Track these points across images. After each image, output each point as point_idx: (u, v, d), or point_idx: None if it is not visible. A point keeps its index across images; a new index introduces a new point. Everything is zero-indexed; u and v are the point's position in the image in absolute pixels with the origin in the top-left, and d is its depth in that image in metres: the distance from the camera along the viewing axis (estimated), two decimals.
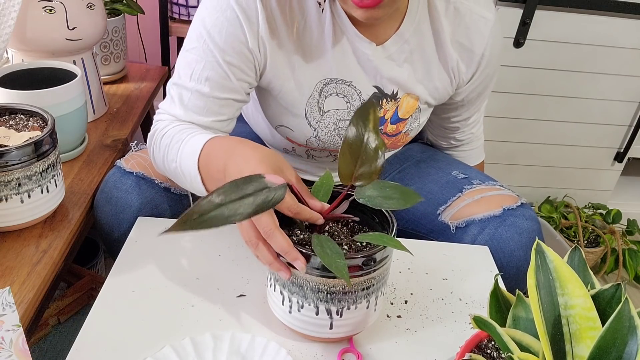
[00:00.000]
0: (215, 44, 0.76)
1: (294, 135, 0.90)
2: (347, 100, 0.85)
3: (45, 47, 1.03)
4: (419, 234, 0.96)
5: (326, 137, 0.88)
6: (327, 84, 0.84)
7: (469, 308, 0.73)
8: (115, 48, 1.33)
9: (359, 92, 0.85)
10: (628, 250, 1.73)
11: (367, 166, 0.59)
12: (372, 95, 0.58)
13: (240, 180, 0.55)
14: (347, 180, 0.60)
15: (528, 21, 1.55)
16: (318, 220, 0.62)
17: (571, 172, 1.90)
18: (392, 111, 0.88)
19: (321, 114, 0.86)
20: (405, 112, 0.89)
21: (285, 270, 0.59)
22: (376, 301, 0.62)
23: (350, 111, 0.86)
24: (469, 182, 0.94)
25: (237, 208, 0.52)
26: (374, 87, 0.86)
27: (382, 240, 0.57)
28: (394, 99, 0.87)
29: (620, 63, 1.67)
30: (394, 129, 0.90)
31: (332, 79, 0.84)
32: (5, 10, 0.93)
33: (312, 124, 0.87)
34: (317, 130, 0.87)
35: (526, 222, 0.86)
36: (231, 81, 0.78)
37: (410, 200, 0.60)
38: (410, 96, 0.88)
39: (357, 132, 0.59)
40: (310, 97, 0.84)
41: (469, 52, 0.86)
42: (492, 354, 0.52)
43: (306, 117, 0.86)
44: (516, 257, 0.84)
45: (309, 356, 0.63)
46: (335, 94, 0.85)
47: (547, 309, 0.44)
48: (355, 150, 0.59)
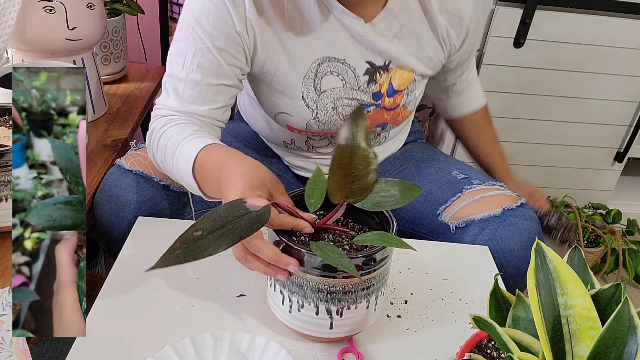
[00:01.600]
0: (203, 30, 0.77)
1: (293, 121, 0.90)
2: (342, 78, 0.87)
3: (45, 47, 1.03)
4: (419, 234, 0.96)
5: (325, 117, 0.89)
6: (321, 63, 0.85)
7: (469, 308, 0.73)
8: (115, 48, 1.33)
9: (352, 68, 0.86)
10: (628, 250, 1.73)
11: (359, 182, 0.56)
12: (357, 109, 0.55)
13: (222, 209, 0.54)
14: (338, 200, 0.58)
15: (528, 21, 1.55)
16: (305, 228, 0.61)
17: (571, 172, 1.90)
18: (387, 84, 0.89)
19: (318, 94, 0.86)
20: (399, 83, 0.90)
21: (281, 272, 0.59)
22: (376, 301, 0.62)
23: (346, 89, 0.87)
24: (468, 182, 0.94)
25: (219, 239, 0.52)
26: (366, 62, 0.87)
27: (382, 240, 0.57)
28: (386, 70, 0.88)
29: (620, 63, 1.67)
30: (391, 102, 0.91)
31: (325, 57, 0.85)
32: (5, 10, 0.93)
33: (310, 105, 0.87)
34: (315, 111, 0.88)
35: (526, 222, 0.86)
36: (222, 66, 0.79)
37: (410, 195, 0.60)
38: (403, 68, 0.89)
39: (347, 146, 0.54)
40: (306, 77, 0.85)
41: (458, 19, 0.88)
42: (492, 354, 0.52)
43: (303, 99, 0.87)
44: (516, 257, 0.84)
45: (309, 356, 0.63)
46: (330, 73, 0.86)
47: (547, 309, 0.44)
48: (345, 166, 0.55)
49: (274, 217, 0.59)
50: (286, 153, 1.03)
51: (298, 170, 1.04)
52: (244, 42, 0.80)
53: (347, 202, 0.59)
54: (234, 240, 0.52)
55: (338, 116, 0.89)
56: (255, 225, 0.54)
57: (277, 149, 1.05)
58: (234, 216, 0.54)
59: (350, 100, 0.88)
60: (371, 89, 0.89)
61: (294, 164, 1.03)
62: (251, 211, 0.55)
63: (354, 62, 0.86)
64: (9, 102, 0.85)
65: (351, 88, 0.88)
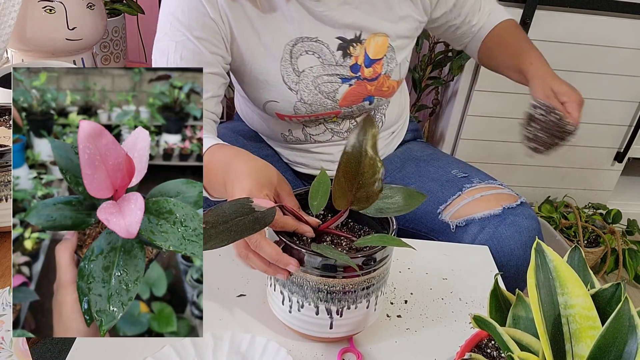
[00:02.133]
0: (181, 23, 0.79)
1: (281, 107, 0.91)
2: (318, 55, 0.87)
3: (45, 47, 1.04)
4: (419, 233, 0.96)
5: (309, 97, 0.89)
6: (294, 44, 0.86)
7: (469, 308, 0.73)
8: (115, 48, 1.33)
9: (326, 45, 0.87)
10: (628, 250, 1.73)
11: (364, 190, 0.56)
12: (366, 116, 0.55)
13: (227, 205, 0.55)
14: (342, 207, 0.58)
15: (528, 21, 1.55)
16: (307, 232, 0.61)
17: (571, 172, 1.90)
18: (362, 55, 0.89)
19: (297, 74, 0.87)
20: (375, 52, 0.89)
21: (281, 272, 0.59)
22: (376, 301, 0.62)
23: (324, 66, 0.88)
24: (468, 180, 0.94)
25: (220, 234, 0.52)
26: (337, 38, 0.87)
27: (382, 241, 0.57)
28: (359, 42, 0.88)
29: (620, 63, 1.67)
30: (371, 72, 0.91)
31: (298, 38, 0.86)
32: (5, 10, 0.93)
33: (292, 87, 0.88)
34: (299, 92, 0.88)
35: (526, 221, 0.86)
36: (204, 55, 0.81)
37: (413, 203, 0.60)
38: (377, 36, 0.89)
39: (354, 153, 0.55)
40: (282, 60, 0.86)
41: None
42: (492, 354, 0.52)
43: (285, 82, 0.87)
44: (516, 255, 0.84)
45: (309, 356, 0.63)
46: (306, 52, 0.87)
47: (547, 309, 0.44)
48: (351, 173, 0.56)
49: (277, 219, 0.59)
50: (286, 149, 1.03)
51: (298, 167, 1.04)
52: (221, 29, 0.82)
53: (351, 209, 0.59)
54: (234, 237, 0.52)
55: (321, 94, 0.90)
56: (258, 226, 0.54)
57: (277, 145, 1.05)
58: (238, 214, 0.54)
59: (330, 76, 0.89)
60: (347, 62, 0.89)
61: (293, 160, 1.03)
62: (256, 211, 0.55)
63: (325, 39, 0.87)
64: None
65: (329, 64, 0.88)
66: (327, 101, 0.90)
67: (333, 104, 0.91)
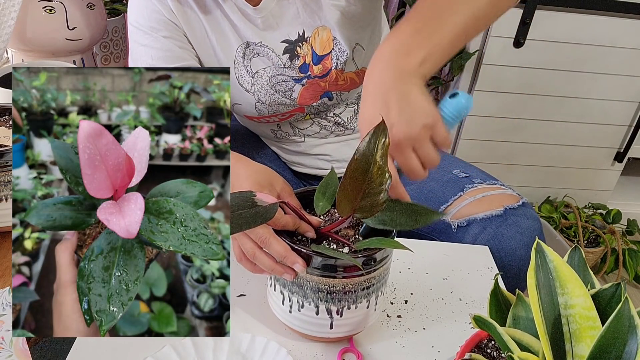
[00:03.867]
0: (145, 27, 0.82)
1: (245, 109, 0.92)
2: (267, 58, 0.87)
3: (45, 47, 1.04)
4: (420, 233, 0.96)
5: (266, 97, 0.89)
6: (245, 47, 0.86)
7: (469, 308, 0.73)
8: (115, 48, 1.33)
9: (272, 49, 0.87)
10: (628, 250, 1.73)
11: (369, 199, 0.55)
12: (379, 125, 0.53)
13: (230, 197, 0.55)
14: (346, 213, 0.58)
15: (528, 21, 1.55)
16: (308, 232, 0.61)
17: (571, 172, 1.90)
18: (309, 53, 0.88)
19: (251, 76, 0.88)
20: (321, 48, 0.87)
21: (289, 271, 0.59)
22: (376, 301, 0.62)
23: (275, 66, 0.88)
24: (470, 181, 0.94)
25: None
26: (282, 42, 0.86)
27: (381, 244, 0.57)
28: (304, 41, 0.87)
29: (620, 63, 1.67)
30: (321, 69, 0.89)
31: (248, 42, 0.86)
32: (5, 10, 0.93)
33: (248, 89, 0.88)
34: (255, 94, 0.89)
35: (527, 222, 0.86)
36: (174, 51, 0.83)
37: (421, 221, 0.58)
38: (319, 30, 0.86)
39: (362, 161, 0.54)
40: (235, 62, 0.87)
41: None
42: (492, 354, 0.52)
43: (240, 84, 0.88)
44: (517, 256, 0.84)
45: (309, 356, 0.63)
46: (256, 55, 0.87)
47: (547, 309, 0.44)
48: (357, 181, 0.55)
49: (278, 217, 0.58)
50: (281, 148, 1.03)
51: (295, 167, 1.04)
52: (179, 26, 0.84)
53: (354, 216, 0.58)
54: (235, 229, 0.52)
55: (278, 93, 0.89)
56: (260, 220, 0.54)
57: (272, 144, 1.05)
58: (240, 206, 0.54)
59: (283, 76, 0.88)
60: (295, 64, 0.88)
61: (290, 160, 1.04)
62: (258, 205, 0.55)
63: (270, 44, 0.86)
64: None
65: (278, 66, 0.88)
66: (285, 100, 0.90)
67: (291, 102, 0.91)
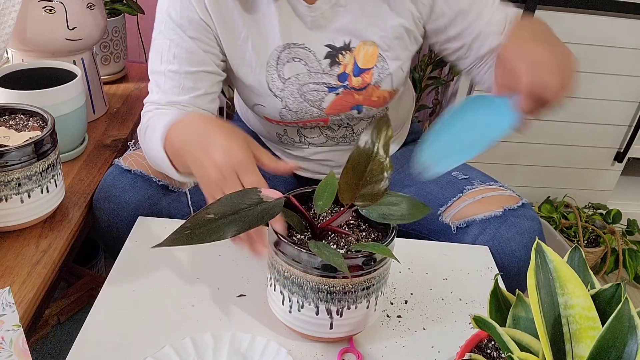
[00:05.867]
0: (174, 22, 0.81)
1: (267, 112, 0.91)
2: (304, 63, 0.86)
3: (45, 47, 1.03)
4: (419, 235, 0.96)
5: (294, 105, 0.88)
6: (282, 50, 0.85)
7: (469, 308, 0.73)
8: (115, 48, 1.33)
9: (313, 52, 0.86)
10: (628, 250, 1.73)
11: (370, 187, 0.57)
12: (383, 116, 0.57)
13: (235, 195, 0.55)
14: (347, 200, 0.59)
15: None
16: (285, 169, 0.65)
17: (571, 172, 1.90)
18: (351, 64, 0.87)
19: (283, 81, 0.87)
20: (364, 61, 0.87)
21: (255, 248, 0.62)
22: (376, 301, 0.62)
23: (311, 74, 0.87)
24: (469, 182, 0.94)
25: (230, 224, 0.52)
26: (326, 46, 0.86)
27: (374, 249, 0.57)
28: (348, 50, 0.86)
29: (620, 63, 1.67)
30: (360, 82, 0.88)
31: (285, 44, 0.85)
32: (5, 10, 0.93)
33: (277, 94, 0.87)
34: (284, 100, 0.88)
35: (527, 222, 0.85)
36: (197, 53, 0.82)
37: (417, 213, 0.60)
38: (366, 44, 0.86)
39: (365, 150, 0.57)
40: (268, 66, 0.86)
41: None
42: (492, 354, 0.52)
43: (270, 89, 0.87)
44: (517, 257, 0.84)
45: (309, 356, 0.63)
46: (292, 59, 0.86)
47: (547, 309, 0.44)
48: (359, 169, 0.57)
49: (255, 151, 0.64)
50: (283, 152, 1.03)
51: (297, 171, 1.04)
52: (211, 28, 0.82)
53: (355, 204, 0.59)
54: (243, 227, 0.53)
55: (307, 102, 0.89)
56: (267, 216, 0.55)
57: (276, 149, 1.05)
58: (247, 204, 0.55)
59: (316, 84, 0.88)
60: (335, 71, 0.87)
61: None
62: (264, 201, 0.55)
63: (313, 47, 0.86)
64: (9, 102, 0.85)
65: (315, 72, 0.87)
66: (313, 109, 0.89)
67: (319, 112, 0.90)
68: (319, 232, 0.62)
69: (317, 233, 0.61)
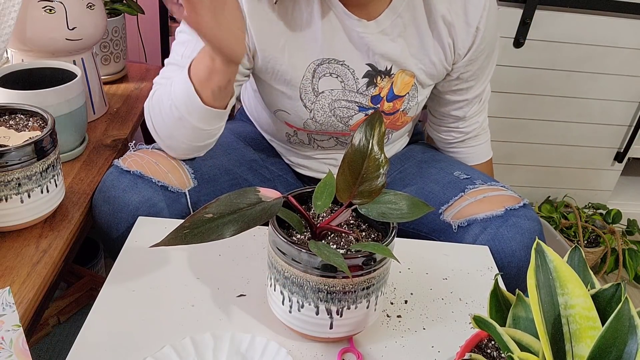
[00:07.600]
0: None
1: (291, 119, 0.90)
2: (340, 79, 0.86)
3: (45, 47, 1.03)
4: (420, 234, 0.96)
5: (322, 118, 0.89)
6: (319, 64, 0.85)
7: (469, 308, 0.73)
8: (115, 48, 1.32)
9: (352, 70, 0.86)
10: (628, 250, 1.73)
11: (368, 184, 0.57)
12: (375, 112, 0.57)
13: (234, 195, 0.55)
14: (345, 198, 0.59)
15: (528, 21, 1.55)
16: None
17: (571, 172, 1.90)
18: (387, 88, 0.88)
19: (316, 94, 0.87)
20: (400, 88, 0.89)
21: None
22: (376, 301, 0.62)
23: (345, 91, 0.87)
24: (471, 182, 0.94)
25: (228, 224, 0.53)
26: (367, 65, 0.86)
27: (374, 249, 0.57)
28: (388, 75, 0.87)
29: (620, 63, 1.67)
30: (390, 107, 0.90)
31: (324, 59, 0.85)
32: (5, 10, 0.93)
33: (308, 105, 0.87)
34: (312, 111, 0.88)
35: (528, 223, 0.86)
36: None
37: (417, 212, 0.60)
38: (405, 72, 0.88)
39: (359, 147, 0.57)
40: (304, 78, 0.85)
41: (464, 25, 0.86)
42: (492, 354, 0.52)
43: (301, 99, 0.87)
44: (518, 257, 0.84)
45: (309, 356, 0.63)
46: (329, 74, 0.86)
47: (547, 309, 0.44)
48: (355, 167, 0.57)
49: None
50: (288, 150, 1.03)
51: (300, 169, 1.04)
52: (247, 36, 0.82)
53: (353, 202, 0.59)
54: (242, 227, 0.53)
55: (335, 117, 0.89)
56: (266, 215, 0.55)
57: (279, 146, 1.05)
58: (246, 204, 0.55)
59: (349, 102, 0.88)
60: (370, 92, 0.88)
61: (296, 162, 1.03)
62: (263, 201, 0.55)
63: (353, 64, 0.86)
64: (9, 102, 0.85)
65: (350, 90, 0.87)
66: (339, 124, 0.90)
67: (344, 127, 0.91)
68: (319, 232, 0.62)
69: (316, 233, 0.61)
